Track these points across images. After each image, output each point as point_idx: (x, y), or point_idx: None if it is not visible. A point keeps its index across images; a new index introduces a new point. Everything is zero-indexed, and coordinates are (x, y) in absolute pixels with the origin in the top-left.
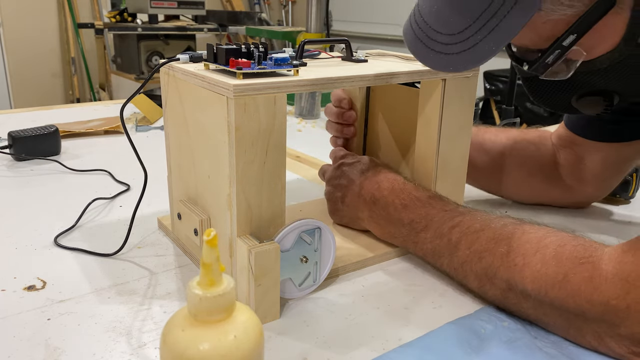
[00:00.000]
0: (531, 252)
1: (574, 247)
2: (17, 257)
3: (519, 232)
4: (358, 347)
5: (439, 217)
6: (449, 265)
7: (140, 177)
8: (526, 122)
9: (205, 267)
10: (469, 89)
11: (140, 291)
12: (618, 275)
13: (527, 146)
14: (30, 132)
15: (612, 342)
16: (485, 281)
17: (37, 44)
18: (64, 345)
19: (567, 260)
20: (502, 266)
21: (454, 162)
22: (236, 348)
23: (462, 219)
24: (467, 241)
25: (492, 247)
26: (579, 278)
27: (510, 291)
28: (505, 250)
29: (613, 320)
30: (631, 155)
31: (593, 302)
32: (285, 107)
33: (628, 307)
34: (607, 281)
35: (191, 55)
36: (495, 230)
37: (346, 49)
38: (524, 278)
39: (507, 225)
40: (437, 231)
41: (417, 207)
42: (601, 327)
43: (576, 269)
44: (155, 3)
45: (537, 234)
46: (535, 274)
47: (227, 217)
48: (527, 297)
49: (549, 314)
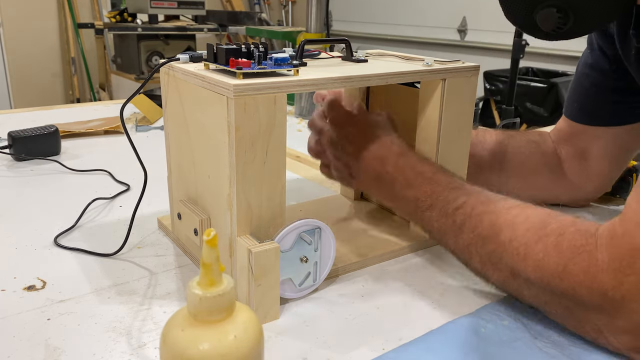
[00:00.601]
0: (533, 241)
1: (572, 234)
2: (17, 257)
3: (522, 217)
4: (358, 347)
5: (443, 196)
6: (454, 245)
7: (140, 177)
8: (526, 122)
9: (205, 267)
10: (469, 89)
11: (140, 291)
12: (611, 265)
13: (527, 144)
14: (30, 132)
15: (610, 336)
16: (489, 266)
17: (37, 44)
18: (64, 345)
19: (567, 250)
20: (506, 253)
21: (454, 162)
22: (236, 348)
23: (467, 199)
24: (470, 224)
25: (496, 233)
26: (578, 269)
27: (514, 278)
28: (507, 237)
29: (610, 311)
30: (629, 143)
31: (592, 292)
32: (285, 107)
33: (623, 297)
34: (603, 271)
35: (191, 55)
36: (499, 215)
37: (346, 49)
38: (527, 267)
39: (510, 209)
40: (442, 211)
41: (421, 185)
42: (600, 319)
43: (575, 259)
44: (155, 3)
45: (539, 220)
46: (538, 263)
47: (227, 217)
48: (531, 285)
49: (550, 302)
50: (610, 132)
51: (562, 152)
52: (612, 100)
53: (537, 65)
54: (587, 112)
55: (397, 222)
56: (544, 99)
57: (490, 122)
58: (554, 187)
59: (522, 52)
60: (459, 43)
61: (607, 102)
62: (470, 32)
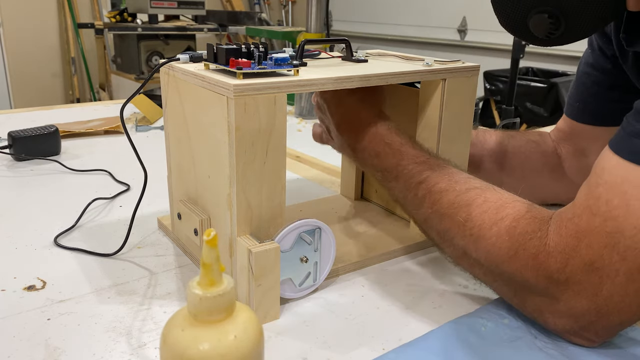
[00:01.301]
0: (488, 224)
1: (527, 221)
2: (17, 257)
3: (480, 199)
4: (358, 347)
5: (408, 170)
6: (415, 217)
7: (140, 177)
8: (526, 122)
9: (205, 267)
10: (469, 89)
11: (140, 291)
12: (557, 248)
13: (527, 143)
14: (30, 132)
15: (550, 317)
16: (444, 242)
17: (37, 44)
18: (64, 345)
19: (519, 236)
20: (459, 234)
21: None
22: (236, 348)
23: (430, 174)
24: (430, 200)
25: (452, 213)
26: (527, 254)
27: (465, 256)
28: (463, 218)
29: (554, 294)
30: None
31: (538, 276)
32: (285, 107)
33: (567, 280)
34: (550, 255)
35: (191, 55)
36: (458, 194)
37: (346, 49)
38: (478, 249)
39: (470, 189)
40: (405, 184)
41: (388, 156)
42: (543, 301)
43: (526, 244)
44: (155, 3)
45: (497, 204)
46: (490, 247)
47: (227, 217)
48: (480, 265)
49: (498, 281)
50: (611, 132)
51: (563, 151)
52: (613, 99)
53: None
54: (588, 111)
55: (397, 222)
56: (544, 99)
57: (490, 122)
58: (554, 186)
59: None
60: (459, 43)
61: (608, 102)
62: (470, 32)
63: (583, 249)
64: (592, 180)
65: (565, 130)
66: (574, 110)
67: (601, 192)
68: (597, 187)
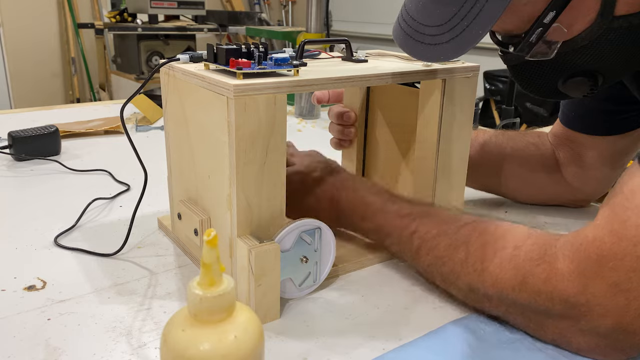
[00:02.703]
0: (489, 256)
1: (529, 247)
2: (17, 257)
3: (475, 234)
4: (358, 347)
5: (395, 225)
6: (417, 267)
7: (140, 177)
8: (526, 122)
9: (206, 267)
10: (469, 89)
11: (140, 291)
12: (574, 273)
13: (527, 145)
14: (30, 132)
15: (573, 338)
16: (449, 284)
17: (37, 44)
18: (64, 345)
19: (523, 263)
20: (462, 272)
21: (454, 162)
22: (236, 348)
23: (419, 224)
24: (426, 248)
25: (451, 254)
26: (537, 280)
27: (472, 293)
28: (463, 256)
29: (574, 315)
30: (626, 148)
31: (553, 300)
32: (285, 107)
33: (588, 302)
34: (565, 279)
35: (191, 55)
36: (452, 236)
37: (346, 49)
38: (484, 282)
39: (462, 228)
40: (398, 238)
41: (373, 216)
42: (563, 323)
43: (533, 270)
44: (155, 3)
45: (494, 235)
46: (495, 278)
47: (227, 217)
48: (490, 298)
49: (511, 311)
50: (605, 140)
51: (560, 155)
52: (608, 110)
53: None
54: (582, 120)
55: None
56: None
57: (490, 122)
58: (553, 188)
59: None
60: None
61: (603, 112)
62: None
63: (607, 272)
64: (617, 202)
65: (561, 136)
66: (569, 119)
67: (630, 216)
68: (624, 210)
